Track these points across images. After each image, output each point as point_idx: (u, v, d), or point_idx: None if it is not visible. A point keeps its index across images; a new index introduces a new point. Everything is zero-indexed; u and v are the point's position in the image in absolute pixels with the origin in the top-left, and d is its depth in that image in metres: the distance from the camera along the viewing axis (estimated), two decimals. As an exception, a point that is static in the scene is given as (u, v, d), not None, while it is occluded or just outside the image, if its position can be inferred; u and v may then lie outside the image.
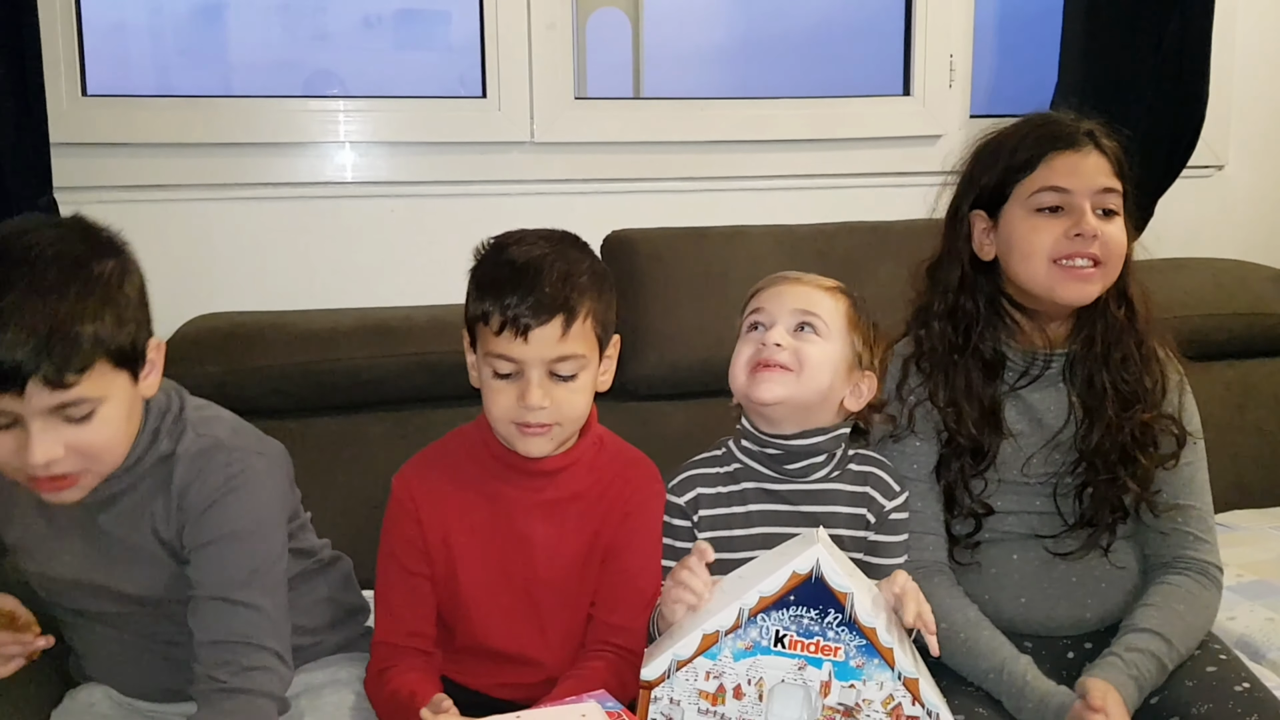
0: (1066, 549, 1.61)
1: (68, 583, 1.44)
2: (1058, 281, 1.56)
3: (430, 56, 2.64)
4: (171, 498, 1.39)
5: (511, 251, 1.49)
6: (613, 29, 2.65)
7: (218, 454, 1.41)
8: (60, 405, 1.24)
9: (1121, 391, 1.60)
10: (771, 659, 1.32)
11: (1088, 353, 1.61)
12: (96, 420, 1.27)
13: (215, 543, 1.39)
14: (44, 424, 1.24)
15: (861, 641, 1.31)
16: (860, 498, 1.57)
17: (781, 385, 1.51)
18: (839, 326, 1.54)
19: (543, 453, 1.51)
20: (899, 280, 1.69)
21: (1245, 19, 2.69)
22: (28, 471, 1.27)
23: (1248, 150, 2.74)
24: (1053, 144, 1.58)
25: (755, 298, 1.59)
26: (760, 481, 1.57)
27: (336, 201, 2.31)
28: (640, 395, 2.14)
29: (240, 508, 1.40)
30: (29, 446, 1.24)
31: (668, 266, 2.17)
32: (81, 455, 1.28)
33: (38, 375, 1.21)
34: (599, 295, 1.51)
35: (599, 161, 2.42)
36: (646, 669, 1.34)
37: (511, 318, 1.44)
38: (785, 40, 2.78)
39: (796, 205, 2.44)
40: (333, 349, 1.99)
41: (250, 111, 2.28)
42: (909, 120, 2.60)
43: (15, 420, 1.24)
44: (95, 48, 2.22)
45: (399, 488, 1.57)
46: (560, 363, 1.46)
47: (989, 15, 2.69)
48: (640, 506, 1.57)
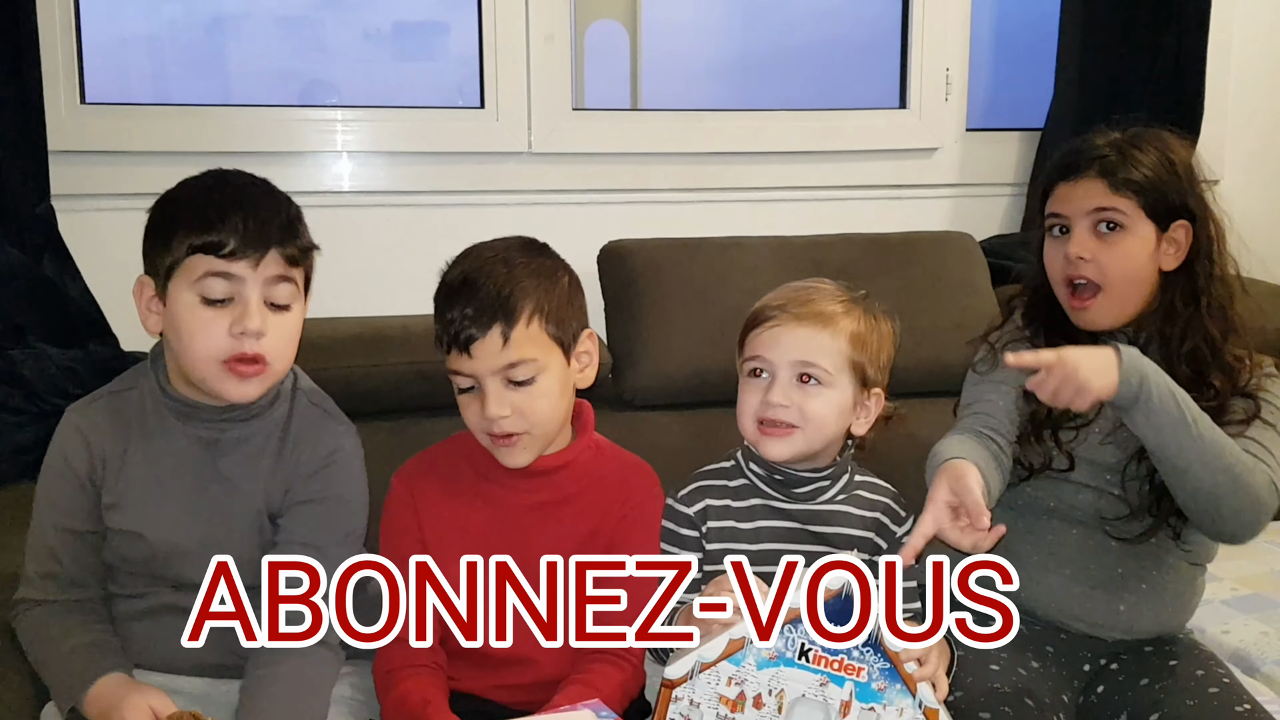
0: (1129, 533, 1.63)
1: (154, 544, 1.51)
2: (1067, 305, 1.65)
3: (429, 68, 2.65)
4: (286, 454, 1.53)
5: (454, 270, 1.52)
6: (610, 41, 2.66)
7: (331, 424, 1.59)
8: (277, 278, 1.44)
9: (1189, 388, 1.57)
10: (794, 671, 1.32)
11: (1160, 341, 1.63)
12: (291, 314, 1.48)
13: (319, 501, 1.53)
14: (259, 301, 1.44)
15: (885, 665, 1.31)
16: (870, 523, 1.56)
17: (788, 446, 1.52)
18: (842, 365, 1.51)
19: (521, 463, 1.51)
20: (895, 291, 1.71)
21: (1241, 33, 2.70)
22: (231, 350, 1.43)
23: (1244, 164, 2.75)
24: (1059, 174, 1.67)
25: (754, 338, 1.54)
26: (768, 499, 1.57)
27: (334, 211, 2.31)
28: (636, 405, 2.14)
29: (346, 475, 1.56)
30: (247, 314, 1.42)
31: (664, 277, 2.17)
32: (276, 341, 1.45)
33: (278, 247, 1.44)
34: (547, 292, 1.50)
35: (596, 172, 2.42)
36: (670, 668, 1.34)
37: (454, 334, 1.46)
38: (782, 53, 2.79)
39: (793, 216, 2.45)
40: (329, 358, 1.98)
41: (248, 121, 2.29)
42: (905, 133, 2.61)
43: (231, 299, 1.43)
44: (94, 56, 2.22)
45: (398, 484, 1.59)
46: (511, 369, 1.47)
47: (985, 29, 2.70)
48: (637, 508, 1.57)
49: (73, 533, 1.52)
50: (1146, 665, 1.61)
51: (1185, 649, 1.65)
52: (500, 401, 1.47)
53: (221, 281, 1.41)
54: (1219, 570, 1.83)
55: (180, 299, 1.42)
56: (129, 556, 1.53)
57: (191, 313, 1.42)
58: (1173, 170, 1.62)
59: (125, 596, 1.55)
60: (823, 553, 1.48)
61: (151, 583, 1.54)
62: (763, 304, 1.56)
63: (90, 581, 1.54)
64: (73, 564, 1.53)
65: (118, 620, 1.55)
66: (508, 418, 1.47)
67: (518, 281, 1.48)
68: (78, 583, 1.53)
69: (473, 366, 1.47)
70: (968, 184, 2.64)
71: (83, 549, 1.53)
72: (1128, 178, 1.60)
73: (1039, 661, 1.62)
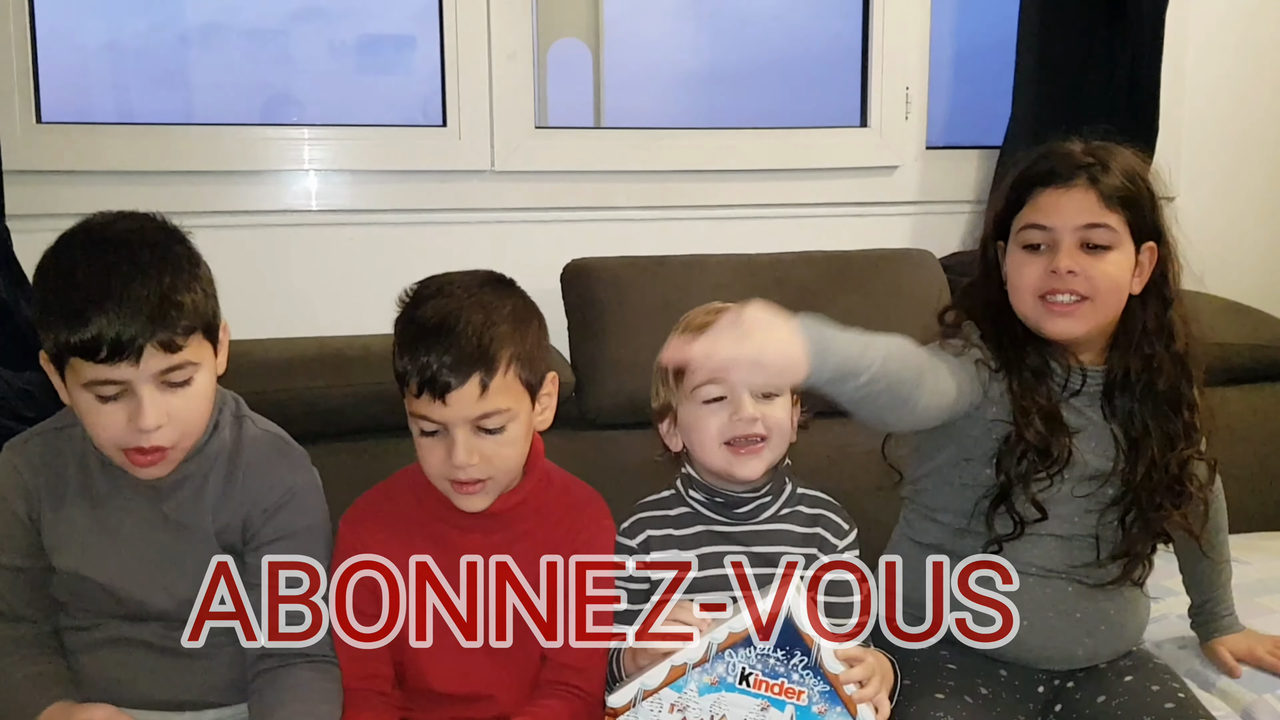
0: (1103, 579, 1.61)
1: (104, 585, 1.48)
2: (1043, 317, 1.56)
3: (394, 81, 2.64)
4: (237, 485, 1.50)
5: (428, 307, 1.45)
6: (573, 59, 2.66)
7: (289, 450, 1.56)
8: (168, 369, 1.37)
9: (1165, 429, 1.59)
10: (735, 696, 1.32)
11: (1125, 383, 1.59)
12: (194, 387, 1.41)
13: (288, 538, 1.51)
14: (153, 390, 1.37)
15: (825, 687, 1.32)
16: (811, 539, 1.57)
17: (763, 461, 1.52)
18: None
19: (479, 508, 1.49)
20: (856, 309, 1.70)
21: (1195, 53, 2.74)
22: (130, 443, 1.38)
23: (1198, 182, 2.78)
24: (1042, 180, 1.57)
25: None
26: (710, 525, 1.57)
27: (298, 230, 2.30)
28: (599, 424, 2.14)
29: (312, 502, 1.55)
30: (141, 412, 1.36)
31: (627, 295, 2.17)
32: (177, 425, 1.40)
33: (154, 341, 1.34)
34: (523, 339, 1.46)
35: (559, 190, 2.42)
36: (613, 696, 1.34)
37: (428, 380, 1.40)
38: (744, 71, 2.81)
39: (755, 234, 2.46)
40: (290, 378, 1.97)
41: (212, 139, 2.27)
42: (866, 151, 2.62)
43: (124, 390, 1.36)
44: (50, 73, 2.20)
45: (345, 529, 1.55)
46: (485, 419, 1.43)
47: (944, 48, 2.72)
48: (589, 544, 1.55)
49: (15, 570, 1.50)
50: (1104, 682, 1.61)
51: (1139, 662, 1.65)
52: (469, 450, 1.42)
53: (109, 385, 1.36)
54: (1176, 585, 1.85)
55: (76, 392, 1.38)
56: (79, 592, 1.50)
57: (88, 406, 1.38)
58: (1145, 187, 1.58)
59: (76, 629, 1.53)
60: (767, 574, 1.50)
61: (103, 614, 1.51)
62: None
63: (38, 616, 1.52)
64: (17, 600, 1.50)
65: (70, 653, 1.52)
66: (475, 465, 1.43)
67: (496, 328, 1.43)
68: (24, 618, 1.51)
69: (444, 414, 1.42)
70: (928, 201, 2.66)
71: (27, 585, 1.51)
72: (1115, 191, 1.54)
73: (990, 688, 1.59)
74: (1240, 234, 2.83)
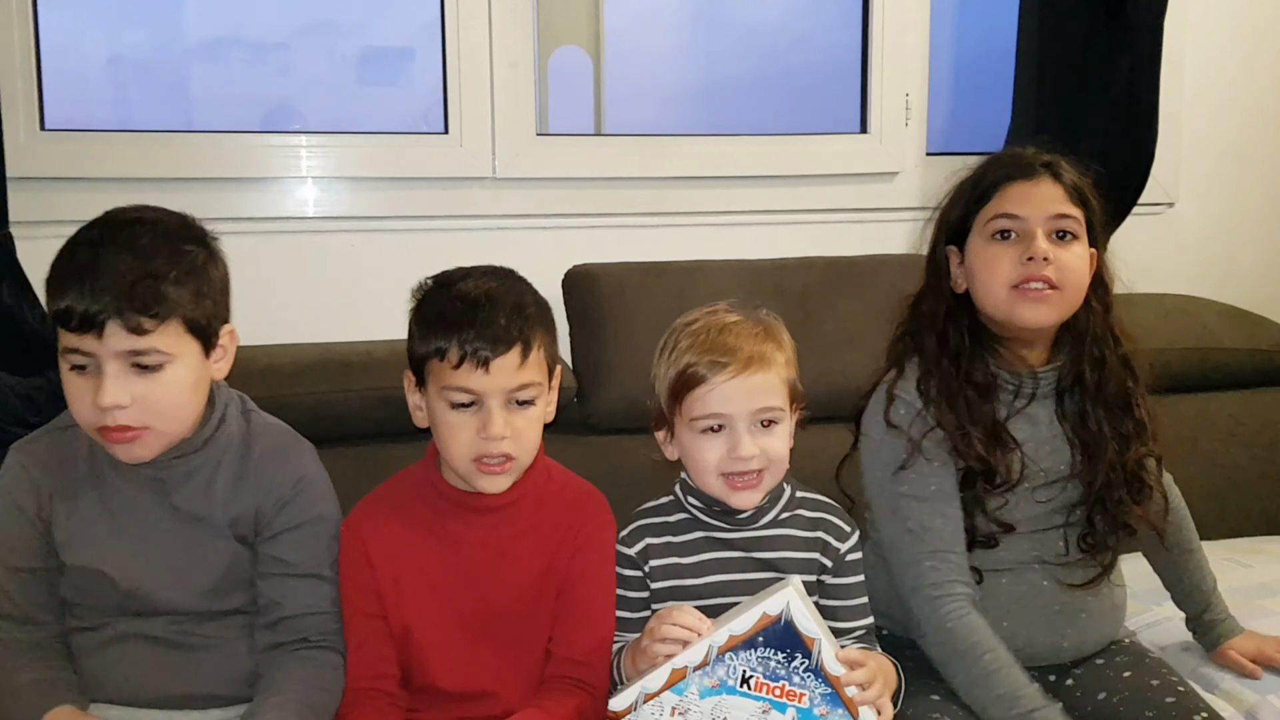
0: (1079, 578, 1.63)
1: (116, 579, 1.48)
2: (1015, 305, 1.59)
3: (395, 93, 2.65)
4: (249, 476, 1.51)
5: (460, 288, 1.50)
6: (574, 67, 2.67)
7: (298, 443, 1.59)
8: (133, 351, 1.37)
9: (1119, 430, 1.63)
10: (736, 699, 1.32)
11: (1077, 385, 1.64)
12: (165, 375, 1.40)
13: (306, 525, 1.53)
14: (116, 368, 1.37)
15: (826, 690, 1.32)
16: (813, 543, 1.57)
17: (760, 491, 1.53)
18: (786, 395, 1.53)
19: (502, 488, 1.51)
20: (856, 314, 1.71)
21: (1193, 60, 2.75)
22: (96, 421, 1.38)
23: (1197, 188, 2.79)
24: (1007, 175, 1.63)
25: (707, 392, 1.50)
26: (710, 531, 1.57)
27: (298, 236, 2.30)
28: (601, 429, 2.14)
29: (324, 492, 1.58)
30: (101, 387, 1.36)
31: (628, 301, 2.18)
32: (146, 409, 1.39)
33: (118, 319, 1.35)
34: (546, 328, 1.53)
35: (560, 197, 2.43)
36: (615, 699, 1.34)
37: (471, 350, 1.44)
38: (745, 79, 2.82)
39: (756, 240, 2.46)
40: (293, 384, 1.98)
41: (211, 146, 2.28)
42: (866, 157, 2.63)
43: (92, 363, 1.37)
44: (54, 82, 2.21)
45: (347, 534, 1.56)
46: (520, 390, 1.47)
47: (944, 55, 2.73)
48: (591, 539, 1.57)
49: (25, 571, 1.51)
50: (1101, 678, 1.63)
51: (1135, 657, 1.67)
52: (505, 422, 1.46)
53: (78, 355, 1.38)
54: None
55: (60, 360, 1.41)
56: (89, 589, 1.51)
57: (66, 378, 1.41)
58: (1091, 195, 1.64)
59: (84, 629, 1.53)
60: (769, 579, 1.49)
61: (113, 612, 1.52)
62: (691, 361, 1.52)
63: (46, 618, 1.52)
64: (26, 602, 1.51)
65: (77, 654, 1.53)
66: (507, 438, 1.47)
67: (529, 307, 1.50)
68: (32, 620, 1.51)
69: (485, 384, 1.46)
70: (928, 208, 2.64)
71: (36, 586, 1.51)
72: (1075, 187, 1.62)
73: None
74: (1239, 239, 2.84)
